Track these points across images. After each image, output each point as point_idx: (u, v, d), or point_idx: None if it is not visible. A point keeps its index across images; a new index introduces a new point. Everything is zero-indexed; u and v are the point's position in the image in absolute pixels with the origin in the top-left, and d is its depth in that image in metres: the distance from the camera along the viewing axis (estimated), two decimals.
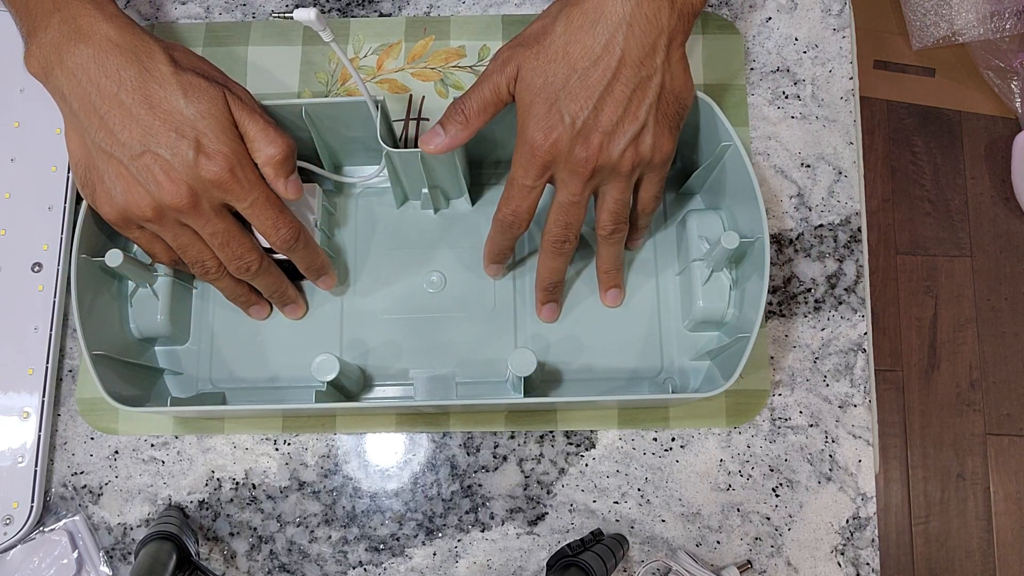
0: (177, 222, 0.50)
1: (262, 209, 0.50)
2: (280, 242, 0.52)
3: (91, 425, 0.59)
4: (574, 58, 0.47)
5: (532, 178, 0.50)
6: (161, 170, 0.47)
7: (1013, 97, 1.47)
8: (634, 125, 0.48)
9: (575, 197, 0.50)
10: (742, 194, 0.55)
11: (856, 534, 0.57)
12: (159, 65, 0.48)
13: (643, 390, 0.58)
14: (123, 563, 0.57)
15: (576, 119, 0.48)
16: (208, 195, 0.49)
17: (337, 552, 0.57)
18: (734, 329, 0.56)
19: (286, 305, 0.59)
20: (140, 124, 0.47)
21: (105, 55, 0.47)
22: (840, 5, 0.64)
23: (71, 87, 0.47)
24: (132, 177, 0.48)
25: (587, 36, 0.47)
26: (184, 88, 0.48)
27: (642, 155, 0.50)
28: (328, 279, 0.58)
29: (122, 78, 0.47)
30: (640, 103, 0.48)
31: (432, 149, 0.51)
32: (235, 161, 0.48)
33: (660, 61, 0.48)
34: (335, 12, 0.65)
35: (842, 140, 0.62)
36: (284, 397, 0.59)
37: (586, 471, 0.58)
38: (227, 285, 0.55)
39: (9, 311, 0.59)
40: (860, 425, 0.58)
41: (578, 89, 0.47)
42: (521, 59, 0.49)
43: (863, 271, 0.61)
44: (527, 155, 0.49)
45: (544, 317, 0.59)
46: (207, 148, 0.48)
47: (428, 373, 0.59)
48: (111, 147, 0.47)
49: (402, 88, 0.63)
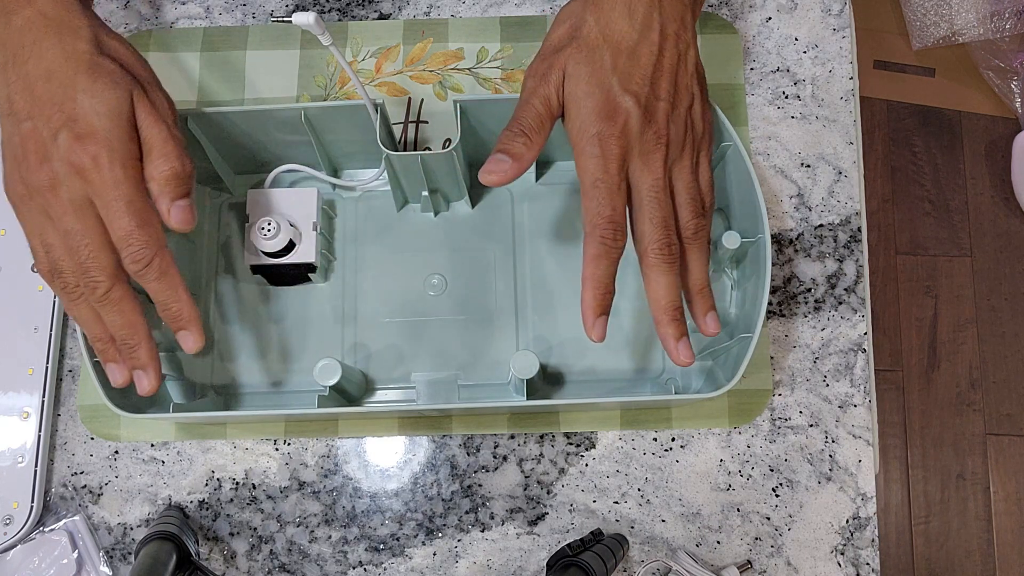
0: (43, 211, 0.45)
1: (119, 213, 0.43)
2: (129, 259, 0.44)
3: (93, 432, 0.59)
4: (616, 40, 0.46)
5: (615, 170, 0.45)
6: (33, 143, 0.44)
7: (1013, 97, 1.47)
8: (687, 96, 0.48)
9: (660, 182, 0.46)
10: (742, 194, 0.55)
11: (856, 534, 0.57)
12: (77, 42, 0.45)
13: (645, 391, 0.58)
14: (123, 563, 0.57)
15: (639, 97, 0.45)
16: (69, 182, 0.44)
17: (337, 552, 0.57)
18: (735, 329, 0.56)
19: (135, 367, 0.47)
20: (33, 95, 0.44)
21: (30, 25, 0.45)
22: (840, 5, 0.65)
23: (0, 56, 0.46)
24: (15, 149, 0.45)
25: (622, 18, 0.46)
26: (90, 69, 0.44)
27: (697, 127, 0.48)
28: (188, 336, 0.47)
29: (35, 50, 0.45)
30: (685, 74, 0.48)
31: (500, 179, 0.45)
32: (104, 149, 0.43)
33: (690, 35, 0.48)
34: (335, 12, 0.65)
35: (842, 140, 0.62)
36: (286, 402, 0.59)
37: (586, 471, 0.58)
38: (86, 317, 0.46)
39: (9, 311, 0.59)
40: (860, 425, 0.58)
41: (630, 68, 0.46)
42: (563, 61, 0.46)
43: (863, 271, 0.61)
44: (599, 148, 0.45)
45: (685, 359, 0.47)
46: (79, 128, 0.43)
47: (430, 376, 0.59)
48: (5, 116, 0.45)
49: (401, 91, 0.63)
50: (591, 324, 0.47)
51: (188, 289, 0.47)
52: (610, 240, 0.45)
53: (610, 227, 0.45)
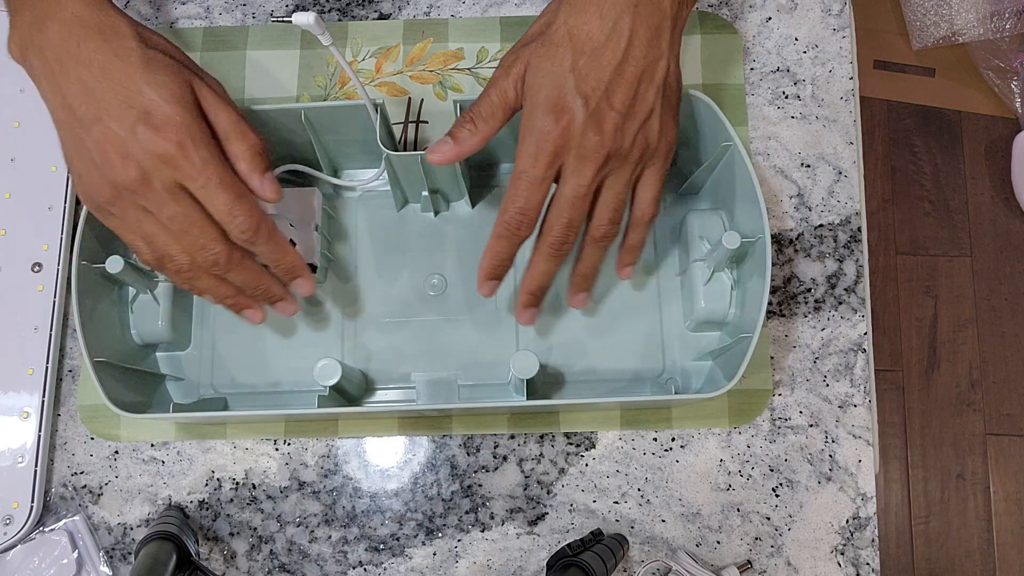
0: (137, 206, 0.46)
1: (216, 192, 0.46)
2: (237, 231, 0.47)
3: (93, 432, 0.59)
4: (581, 40, 0.46)
5: (543, 168, 0.46)
6: (111, 145, 0.44)
7: (1013, 97, 1.47)
8: (644, 107, 0.47)
9: (583, 189, 0.47)
10: (743, 194, 0.55)
11: (856, 534, 0.57)
12: (122, 39, 0.45)
13: (645, 391, 0.58)
14: (123, 563, 0.57)
15: (589, 100, 0.45)
16: (159, 173, 0.45)
17: (337, 552, 0.57)
18: (736, 329, 0.56)
19: (273, 303, 0.53)
20: (94, 98, 0.45)
21: (69, 30, 0.45)
22: (840, 5, 0.65)
23: (40, 65, 0.46)
24: (89, 155, 0.45)
25: (593, 19, 0.46)
26: (145, 61, 0.45)
27: (650, 141, 0.48)
28: (303, 282, 0.52)
29: (82, 53, 0.45)
30: (648, 87, 0.47)
31: (440, 159, 0.49)
32: (186, 135, 0.45)
33: (666, 46, 0.47)
34: (335, 12, 0.65)
35: (842, 140, 0.62)
36: (286, 402, 0.59)
37: (586, 471, 0.58)
38: (208, 285, 0.50)
39: (9, 311, 0.59)
40: (860, 425, 0.58)
41: (588, 70, 0.45)
42: (527, 56, 0.47)
43: (863, 271, 0.61)
44: (536, 142, 0.46)
45: (523, 320, 0.54)
46: (155, 120, 0.44)
47: (430, 376, 0.59)
48: (71, 124, 0.46)
49: (401, 91, 0.63)
50: (480, 284, 0.52)
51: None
52: (513, 228, 0.49)
53: (517, 217, 0.48)
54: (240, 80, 0.63)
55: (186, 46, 0.64)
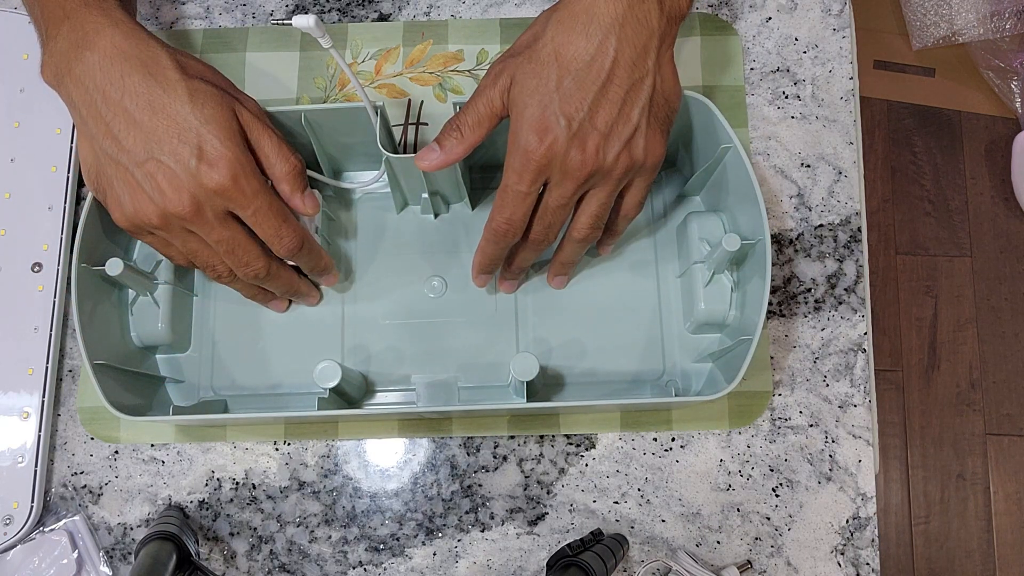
0: (184, 229, 0.49)
1: (265, 218, 0.49)
2: (285, 251, 0.51)
3: (93, 434, 0.59)
4: (566, 60, 0.47)
5: (527, 184, 0.48)
6: (164, 178, 0.47)
7: (1013, 97, 1.47)
8: (628, 127, 0.48)
9: (564, 200, 0.49)
10: (743, 196, 0.55)
11: (856, 534, 0.57)
12: (165, 71, 0.47)
13: (645, 393, 0.58)
14: (123, 563, 0.57)
15: (572, 121, 0.47)
16: (211, 203, 0.48)
17: (337, 552, 0.57)
18: (736, 331, 0.56)
19: (300, 299, 0.59)
20: (143, 131, 0.46)
21: (110, 62, 0.47)
22: (840, 5, 0.65)
23: (79, 94, 0.47)
24: (137, 184, 0.47)
25: (579, 38, 0.47)
26: (191, 93, 0.47)
27: (635, 158, 0.49)
28: (330, 277, 0.58)
29: (126, 84, 0.47)
30: (633, 105, 0.48)
31: (427, 165, 0.50)
32: (238, 169, 0.47)
33: (652, 63, 0.48)
34: (335, 12, 0.65)
35: (842, 140, 0.62)
36: (286, 404, 0.59)
37: (586, 471, 0.58)
38: (242, 287, 0.56)
39: (9, 311, 0.59)
40: (860, 425, 0.58)
41: (572, 90, 0.47)
42: (513, 68, 0.48)
43: (863, 271, 0.61)
44: (522, 160, 0.48)
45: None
46: (209, 155, 0.47)
47: (430, 378, 0.59)
48: (117, 154, 0.47)
49: (401, 93, 0.63)
50: (475, 276, 0.58)
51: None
52: (500, 237, 0.51)
53: (504, 226, 0.51)
54: (240, 82, 0.63)
55: (186, 47, 0.64)
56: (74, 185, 0.61)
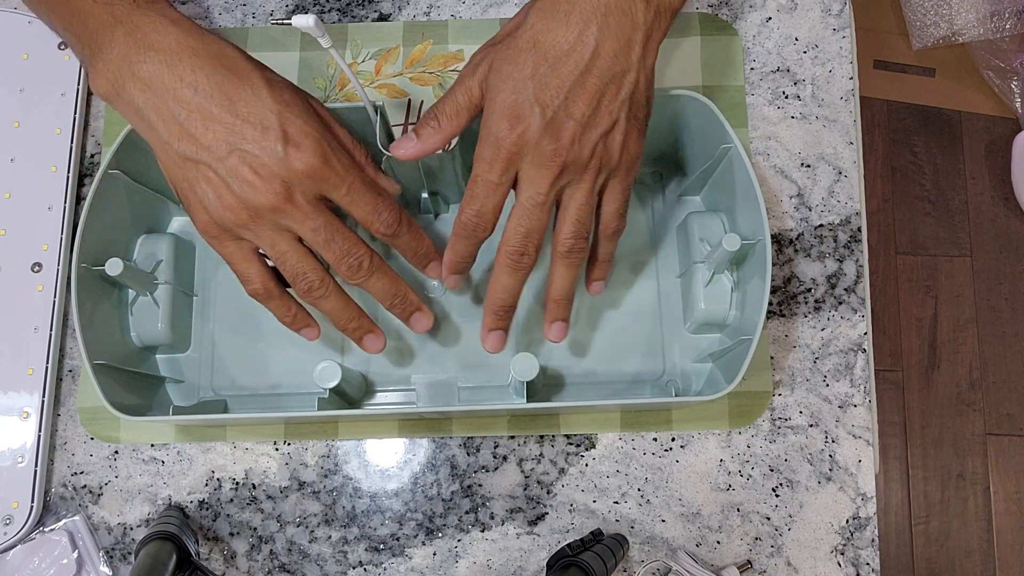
0: (274, 225, 0.47)
1: (361, 194, 0.47)
2: (383, 227, 0.49)
3: (93, 434, 0.59)
4: (544, 47, 0.45)
5: (497, 173, 0.46)
6: (250, 168, 0.45)
7: (1013, 97, 1.47)
8: (607, 120, 0.46)
9: (540, 197, 0.47)
10: (743, 196, 0.55)
11: (856, 534, 0.57)
12: (237, 63, 0.46)
13: (645, 393, 0.58)
14: (123, 563, 0.57)
15: (546, 109, 0.45)
16: (303, 187, 0.46)
17: (337, 552, 0.57)
18: (736, 331, 0.56)
19: (411, 314, 0.53)
20: (223, 124, 0.45)
21: (177, 59, 0.45)
22: (840, 5, 0.65)
23: (146, 98, 0.45)
24: (222, 181, 0.46)
25: (559, 26, 0.45)
26: (267, 82, 0.46)
27: (611, 154, 0.47)
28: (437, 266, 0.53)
29: (198, 80, 0.45)
30: (613, 99, 0.46)
31: (403, 155, 0.49)
32: (326, 147, 0.46)
33: (636, 58, 0.46)
34: (335, 12, 0.65)
35: (842, 140, 0.62)
36: (286, 404, 0.59)
37: (586, 471, 0.58)
38: (335, 306, 0.50)
39: (9, 311, 0.59)
40: (860, 425, 0.58)
41: (548, 78, 0.45)
42: (492, 56, 0.47)
43: (863, 271, 0.61)
44: (492, 147, 0.46)
45: (490, 346, 0.52)
46: (294, 138, 0.45)
47: (430, 378, 0.59)
48: (197, 153, 0.45)
49: (401, 93, 0.63)
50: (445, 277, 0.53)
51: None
52: (469, 230, 0.49)
53: (473, 219, 0.48)
54: None
55: None
56: (74, 185, 0.61)
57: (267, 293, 0.50)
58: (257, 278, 0.50)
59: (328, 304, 0.50)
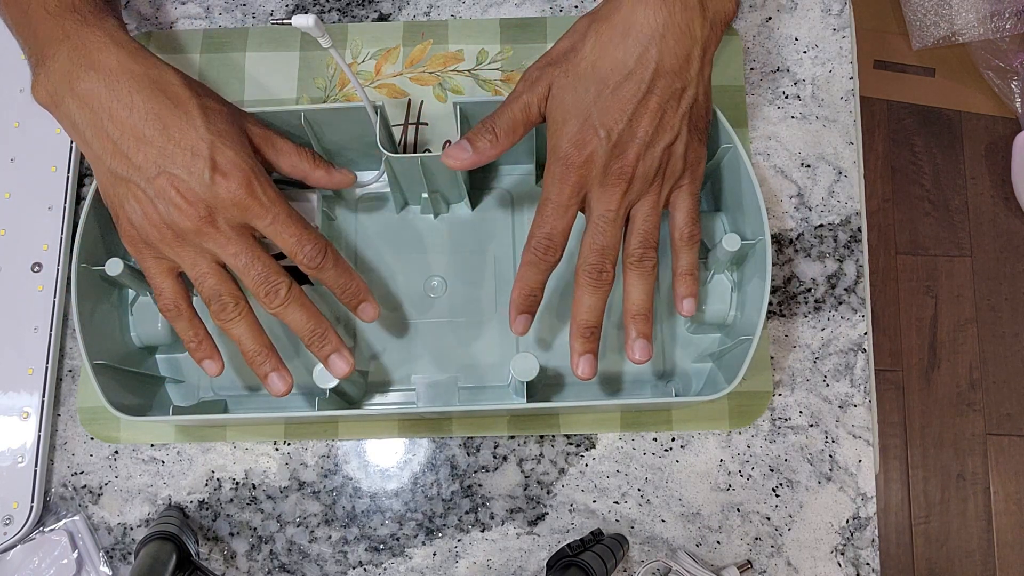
0: (197, 247, 0.48)
1: (284, 225, 0.48)
2: (307, 259, 0.49)
3: (92, 434, 0.59)
4: (605, 73, 0.47)
5: (567, 195, 0.48)
6: (177, 191, 0.46)
7: (1013, 97, 1.47)
8: (669, 134, 0.48)
9: (611, 214, 0.48)
10: (743, 197, 0.55)
11: (856, 534, 0.57)
12: (176, 88, 0.47)
13: (645, 393, 0.58)
14: (123, 563, 0.57)
15: (611, 132, 0.46)
16: (227, 214, 0.47)
17: (337, 552, 0.57)
18: (736, 331, 0.56)
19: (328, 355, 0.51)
20: (154, 147, 0.46)
21: (116, 80, 0.46)
22: (840, 5, 0.65)
23: (82, 115, 0.47)
24: (149, 200, 0.47)
25: (618, 50, 0.46)
26: (203, 110, 0.47)
27: (675, 164, 0.49)
28: (369, 307, 0.53)
29: (134, 103, 0.46)
30: (674, 114, 0.47)
31: (457, 164, 0.49)
32: (252, 177, 0.47)
33: (694, 72, 0.47)
34: (335, 12, 0.65)
35: (842, 140, 0.62)
36: (286, 404, 0.59)
37: (586, 471, 0.58)
38: (244, 333, 0.50)
39: (9, 311, 0.59)
40: (860, 425, 0.58)
41: (611, 103, 0.46)
42: (551, 77, 0.48)
43: (863, 271, 0.61)
44: (561, 171, 0.47)
45: (583, 372, 0.50)
46: (222, 167, 0.47)
47: (430, 378, 0.59)
48: (127, 171, 0.47)
49: (401, 93, 0.63)
50: (512, 319, 0.51)
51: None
52: (540, 254, 0.49)
53: (544, 242, 0.49)
54: (240, 82, 0.63)
55: (185, 48, 0.64)
56: (74, 185, 0.61)
57: (176, 311, 0.51)
58: (169, 293, 0.50)
59: (238, 330, 0.50)
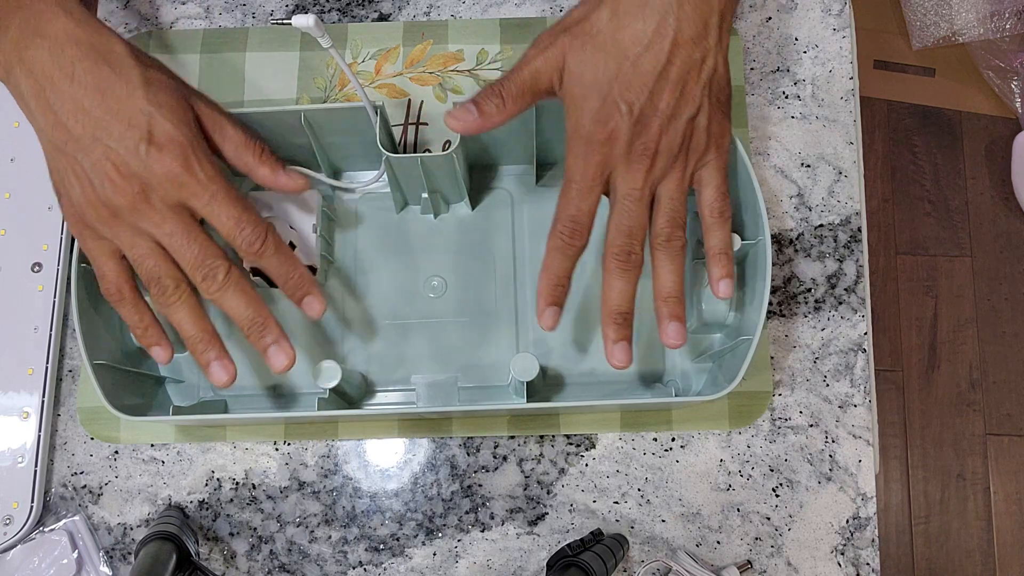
0: (134, 227, 0.46)
1: (223, 205, 0.46)
2: (245, 244, 0.47)
3: (92, 434, 0.59)
4: (624, 45, 0.45)
5: (592, 174, 0.46)
6: (112, 164, 0.44)
7: (1013, 97, 1.47)
8: (691, 106, 0.46)
9: (636, 192, 0.46)
10: (743, 197, 0.55)
11: (856, 534, 0.57)
12: (120, 57, 0.45)
13: (645, 393, 0.58)
14: (123, 563, 0.57)
15: (633, 107, 0.45)
16: (161, 191, 0.45)
17: (337, 552, 0.57)
18: (736, 331, 0.56)
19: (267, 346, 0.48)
20: (91, 117, 0.44)
21: (61, 49, 0.44)
22: (840, 5, 0.65)
23: (28, 84, 0.45)
24: (87, 176, 0.45)
25: (636, 20, 0.45)
26: (145, 80, 0.45)
27: (698, 138, 0.47)
28: (313, 301, 0.50)
29: (76, 71, 0.44)
30: (695, 84, 0.46)
31: (461, 127, 0.47)
32: (190, 152, 0.45)
33: (713, 42, 0.46)
34: (335, 12, 0.65)
35: (842, 140, 0.62)
36: (286, 404, 0.59)
37: (586, 471, 0.58)
38: (185, 318, 0.47)
39: (9, 311, 0.59)
40: (860, 425, 0.58)
41: (631, 77, 0.45)
42: (566, 48, 0.46)
43: (863, 271, 0.61)
44: (583, 150, 0.46)
45: (618, 361, 0.48)
46: (158, 140, 0.44)
47: (430, 379, 0.59)
48: (65, 143, 0.45)
49: (401, 93, 0.63)
50: (541, 311, 0.48)
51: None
52: (567, 237, 0.47)
53: (570, 225, 0.47)
54: (239, 82, 0.63)
55: (185, 48, 0.64)
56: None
57: (119, 295, 0.48)
58: (111, 277, 0.48)
59: (178, 315, 0.48)
